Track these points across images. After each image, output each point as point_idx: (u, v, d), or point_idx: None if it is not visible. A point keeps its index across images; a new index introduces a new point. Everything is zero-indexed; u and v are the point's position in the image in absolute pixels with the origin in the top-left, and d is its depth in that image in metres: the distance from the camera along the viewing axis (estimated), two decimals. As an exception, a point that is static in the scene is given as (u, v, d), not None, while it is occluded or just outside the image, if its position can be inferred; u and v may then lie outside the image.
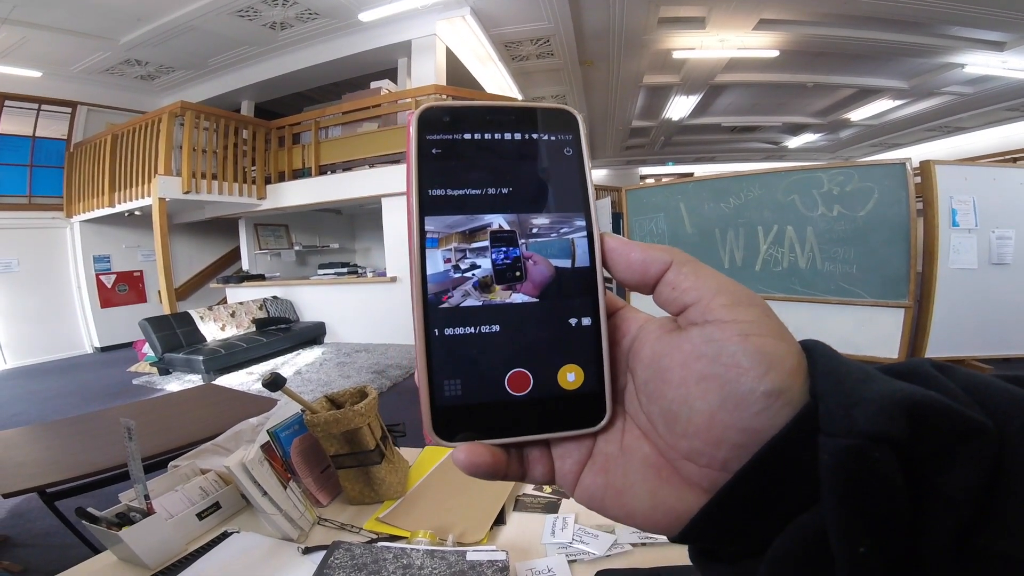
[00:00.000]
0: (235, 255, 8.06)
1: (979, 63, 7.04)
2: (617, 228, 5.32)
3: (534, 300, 0.23)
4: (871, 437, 0.16)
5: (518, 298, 0.22)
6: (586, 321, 0.23)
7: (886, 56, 6.93)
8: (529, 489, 1.01)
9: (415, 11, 5.69)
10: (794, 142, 12.25)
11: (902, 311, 3.42)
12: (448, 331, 0.22)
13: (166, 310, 5.61)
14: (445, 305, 0.22)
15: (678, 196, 4.43)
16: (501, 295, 0.22)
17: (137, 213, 6.10)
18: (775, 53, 6.79)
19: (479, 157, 0.23)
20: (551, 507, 0.94)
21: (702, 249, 4.27)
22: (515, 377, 0.22)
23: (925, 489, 0.16)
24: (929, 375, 0.18)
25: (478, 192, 0.23)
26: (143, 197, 5.65)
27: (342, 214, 8.65)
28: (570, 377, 0.22)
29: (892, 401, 0.16)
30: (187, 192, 5.58)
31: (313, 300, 6.61)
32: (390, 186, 5.85)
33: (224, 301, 6.85)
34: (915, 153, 9.60)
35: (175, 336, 5.24)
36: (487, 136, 0.23)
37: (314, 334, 6.32)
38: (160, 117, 5.57)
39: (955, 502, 0.15)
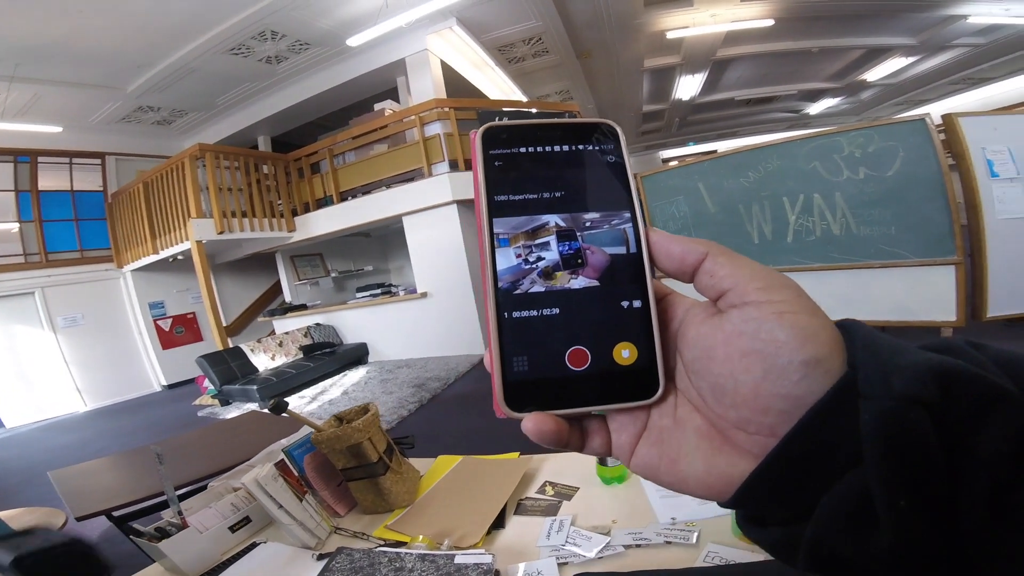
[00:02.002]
0: (278, 288, 8.39)
1: (981, 13, 6.79)
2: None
3: (590, 285, 0.25)
4: (907, 399, 0.18)
5: (576, 284, 0.25)
6: (637, 303, 0.25)
7: (885, 14, 6.71)
8: (531, 492, 1.03)
9: (401, 30, 5.75)
10: (815, 108, 11.85)
11: (952, 268, 3.22)
12: (516, 314, 0.25)
13: (219, 346, 5.93)
14: (515, 292, 0.25)
15: (696, 176, 4.33)
16: (561, 282, 0.25)
17: (180, 257, 6.39)
18: (770, 22, 6.64)
19: (535, 166, 0.27)
20: (551, 510, 0.95)
21: (728, 227, 4.16)
22: (575, 354, 0.24)
23: (960, 450, 0.17)
24: (962, 349, 0.20)
25: (535, 196, 0.26)
26: (182, 241, 5.90)
27: (371, 236, 8.87)
28: (624, 354, 0.24)
29: (924, 368, 0.18)
30: (221, 232, 5.80)
31: (353, 323, 6.82)
32: (408, 204, 5.96)
33: (272, 333, 7.18)
34: (945, 107, 9.16)
35: (230, 369, 5.56)
36: (540, 149, 0.27)
37: (358, 354, 6.53)
38: (182, 161, 5.76)
39: (987, 462, 0.17)
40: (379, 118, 6.39)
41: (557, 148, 0.27)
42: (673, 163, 12.02)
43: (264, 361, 5.96)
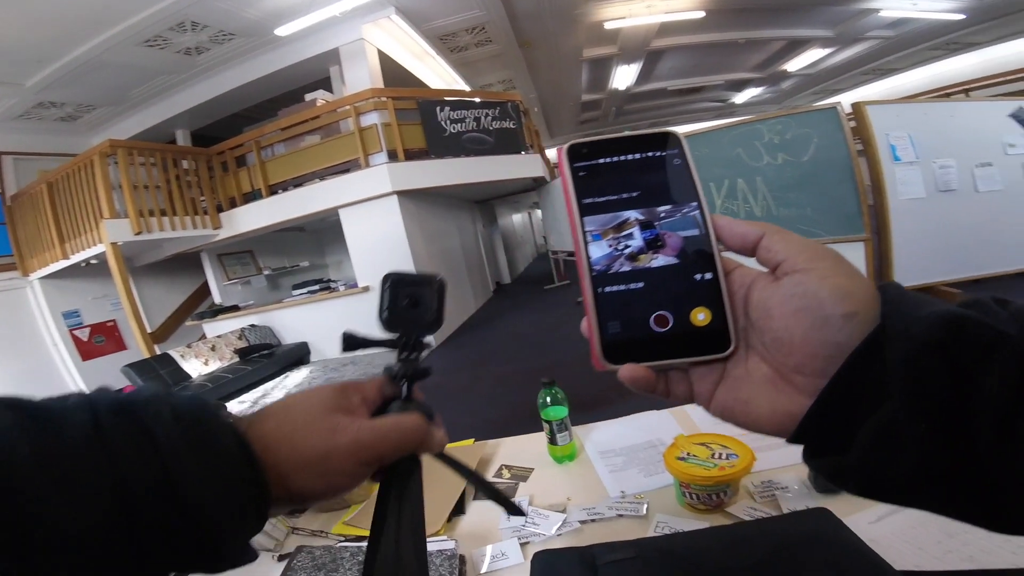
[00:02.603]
0: (206, 289, 7.86)
1: (892, 7, 7.49)
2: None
3: (669, 263, 0.30)
4: (923, 343, 0.21)
5: (656, 263, 0.30)
6: (708, 275, 0.29)
7: (806, 7, 7.25)
8: (489, 476, 1.05)
9: (335, 19, 5.54)
10: (740, 98, 12.55)
11: (862, 244, 3.53)
12: (608, 289, 0.30)
13: (144, 354, 5.53)
14: (608, 272, 0.30)
15: (631, 165, 4.48)
16: (644, 262, 0.30)
17: (94, 262, 5.86)
18: (701, 14, 7.00)
19: (613, 172, 0.31)
20: (509, 492, 0.97)
21: (663, 213, 4.33)
22: (658, 318, 0.29)
23: (971, 386, 0.20)
24: (986, 304, 0.23)
25: (616, 197, 0.31)
26: (95, 245, 5.40)
27: (305, 231, 8.51)
28: (700, 317, 0.29)
29: (938, 318, 0.22)
30: (139, 233, 5.36)
31: (291, 322, 6.55)
32: (344, 196, 5.77)
33: (203, 337, 6.75)
34: (856, 96, 10.03)
35: (159, 378, 5.21)
36: (616, 158, 0.31)
37: (299, 355, 6.29)
38: (91, 159, 5.27)
39: (993, 396, 0.20)
40: (311, 108, 6.11)
41: (630, 156, 0.31)
42: (610, 151, 12.37)
43: (197, 367, 5.61)
